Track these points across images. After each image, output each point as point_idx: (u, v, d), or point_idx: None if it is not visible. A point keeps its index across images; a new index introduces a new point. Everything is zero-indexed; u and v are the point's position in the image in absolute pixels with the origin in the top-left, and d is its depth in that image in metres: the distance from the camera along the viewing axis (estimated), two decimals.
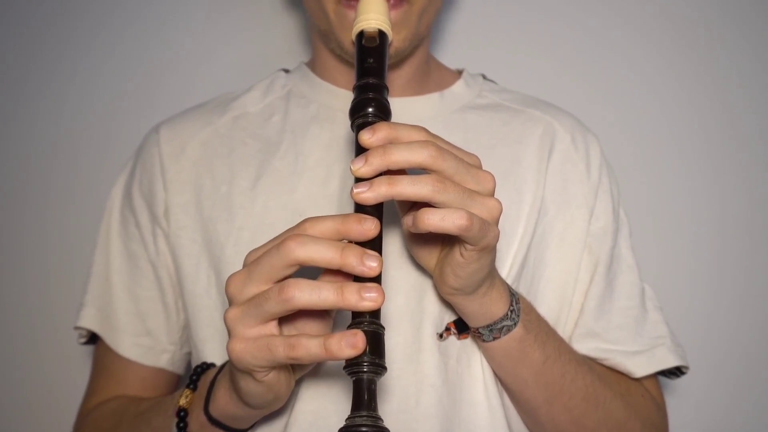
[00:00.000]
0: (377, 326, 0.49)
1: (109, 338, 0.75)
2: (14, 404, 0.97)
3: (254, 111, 0.75)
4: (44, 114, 0.99)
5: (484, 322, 0.60)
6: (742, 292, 0.97)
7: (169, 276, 0.73)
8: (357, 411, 0.47)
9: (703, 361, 0.90)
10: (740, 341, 0.96)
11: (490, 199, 0.52)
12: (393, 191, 0.49)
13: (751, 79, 0.98)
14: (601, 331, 0.71)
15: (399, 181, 0.49)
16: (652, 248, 0.94)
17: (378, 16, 0.62)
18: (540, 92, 0.83)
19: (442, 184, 0.49)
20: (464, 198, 0.50)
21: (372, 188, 0.49)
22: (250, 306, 0.48)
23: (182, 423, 0.62)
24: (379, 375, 0.48)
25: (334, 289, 0.46)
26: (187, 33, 0.99)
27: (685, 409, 0.93)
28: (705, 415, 0.96)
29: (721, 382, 0.96)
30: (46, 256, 0.99)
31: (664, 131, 0.98)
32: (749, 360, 0.96)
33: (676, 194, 0.98)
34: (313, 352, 0.46)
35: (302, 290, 0.46)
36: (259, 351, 0.48)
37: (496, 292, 0.59)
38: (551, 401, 0.65)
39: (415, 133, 0.52)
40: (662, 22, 0.98)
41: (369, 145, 0.51)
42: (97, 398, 0.75)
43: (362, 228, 0.48)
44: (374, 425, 0.46)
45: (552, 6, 0.99)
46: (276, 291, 0.47)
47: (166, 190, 0.72)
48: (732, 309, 0.97)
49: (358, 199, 0.50)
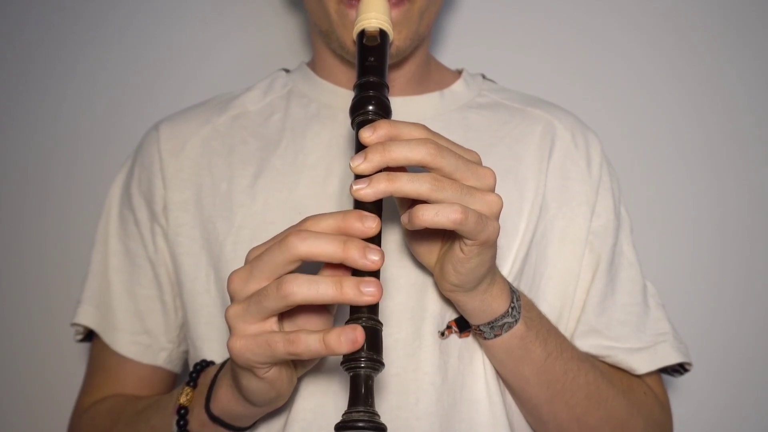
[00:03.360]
0: (375, 322, 0.49)
1: (107, 336, 0.75)
2: (10, 401, 0.97)
3: (254, 110, 0.75)
4: (43, 112, 0.99)
5: (485, 319, 0.60)
6: (744, 289, 0.97)
7: (168, 274, 0.74)
8: (354, 406, 0.47)
9: (705, 359, 0.90)
10: (742, 339, 0.96)
11: (489, 194, 0.52)
12: (392, 188, 0.49)
13: (750, 77, 0.98)
14: (602, 328, 0.71)
15: (398, 178, 0.49)
16: (651, 247, 0.94)
17: (379, 15, 0.63)
18: (539, 91, 0.83)
19: (440, 182, 0.50)
20: (462, 195, 0.50)
21: (371, 185, 0.49)
22: (250, 303, 0.48)
23: (182, 421, 0.61)
24: (376, 371, 0.48)
25: (333, 284, 0.47)
26: (187, 32, 0.99)
27: (687, 408, 0.93)
28: (707, 413, 0.95)
29: (723, 380, 0.96)
30: (44, 254, 0.99)
31: (664, 129, 0.98)
32: (752, 358, 0.96)
33: (677, 191, 0.98)
34: (313, 347, 0.46)
35: (300, 285, 0.46)
36: (259, 347, 0.48)
37: (497, 288, 0.59)
38: (553, 399, 0.65)
39: (415, 130, 0.52)
40: (661, 22, 0.99)
41: (369, 142, 0.51)
42: (93, 396, 0.75)
43: (363, 226, 0.48)
44: (371, 420, 0.46)
45: (551, 6, 0.99)
46: (274, 287, 0.47)
47: (166, 187, 0.72)
48: (733, 306, 0.96)
49: (357, 196, 0.50)
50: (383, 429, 0.47)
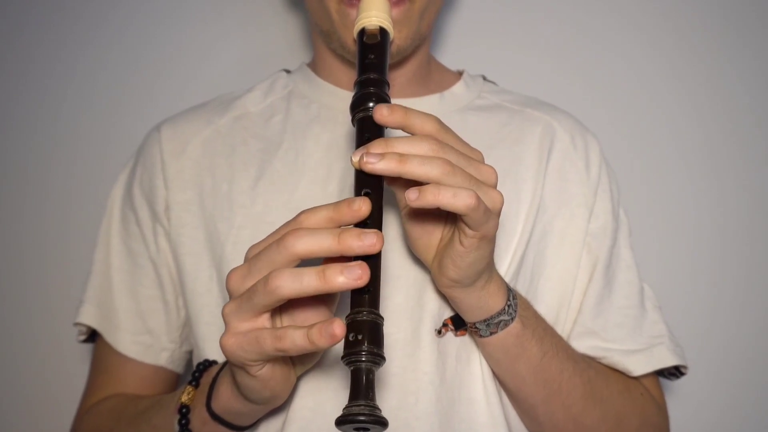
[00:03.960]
0: (376, 316, 0.48)
1: (109, 335, 0.75)
2: (13, 402, 0.97)
3: (255, 111, 0.76)
4: (44, 113, 0.99)
5: (481, 316, 0.60)
6: (742, 291, 0.97)
7: (170, 274, 0.74)
8: (355, 400, 0.46)
9: (703, 362, 0.90)
10: (740, 342, 0.96)
11: (492, 190, 0.52)
12: (402, 169, 0.49)
13: (750, 77, 0.98)
14: (599, 329, 0.71)
15: (409, 159, 0.49)
16: (651, 248, 0.94)
17: (380, 13, 0.63)
18: (540, 93, 0.83)
19: (451, 167, 0.49)
20: (471, 184, 0.51)
21: (384, 160, 0.49)
22: (242, 300, 0.49)
23: (184, 420, 0.62)
24: (377, 365, 0.48)
25: (315, 273, 0.46)
26: (187, 32, 0.99)
27: (685, 410, 0.93)
28: (705, 416, 0.95)
29: (721, 383, 0.96)
30: (45, 255, 0.99)
31: (664, 131, 0.98)
32: (750, 361, 0.96)
33: (676, 194, 0.98)
34: (298, 342, 0.46)
35: (285, 279, 0.46)
36: (249, 344, 0.48)
37: (493, 285, 0.59)
38: (549, 399, 0.65)
39: (427, 122, 0.52)
40: (661, 22, 0.99)
41: (384, 122, 0.51)
42: (95, 396, 0.75)
43: (352, 210, 0.48)
44: (372, 414, 0.45)
45: (552, 7, 0.99)
46: (262, 283, 0.47)
47: (167, 188, 0.73)
48: (732, 309, 0.97)
49: (367, 169, 0.49)
50: (385, 423, 0.46)
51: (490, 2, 0.99)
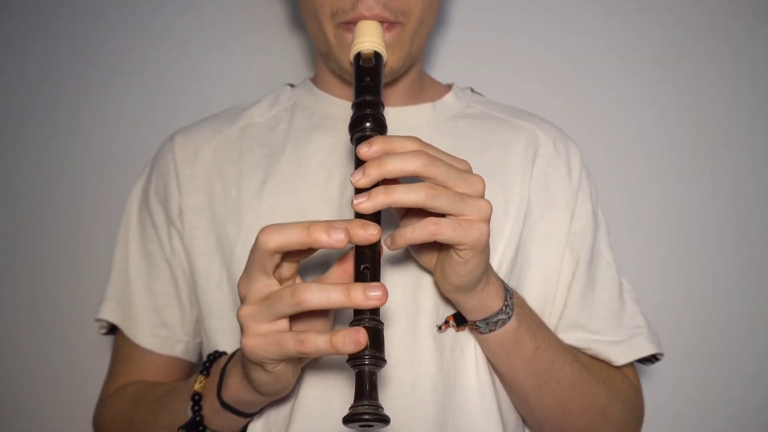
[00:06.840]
0: (377, 322, 0.49)
1: (128, 329, 0.75)
2: (45, 388, 0.99)
3: (261, 121, 0.76)
4: (77, 128, 1.01)
5: (481, 316, 0.60)
6: (711, 282, 0.97)
7: (184, 273, 0.74)
8: (359, 400, 0.48)
9: (675, 349, 0.90)
10: (709, 330, 0.97)
11: (480, 200, 0.52)
12: (389, 200, 0.50)
13: (713, 87, 0.99)
14: (584, 322, 0.71)
15: (394, 190, 0.50)
16: (627, 245, 0.94)
17: (373, 38, 0.64)
18: (523, 104, 0.83)
19: (434, 191, 0.50)
20: (456, 201, 0.51)
21: (370, 198, 0.50)
22: (263, 305, 0.49)
23: (197, 407, 0.62)
24: (379, 367, 0.49)
25: (341, 291, 0.47)
26: (205, 56, 1.01)
27: (659, 393, 0.94)
28: (677, 397, 0.96)
29: (691, 368, 0.96)
30: (71, 256, 1.00)
31: (637, 139, 0.99)
32: (717, 347, 0.97)
33: (648, 195, 0.99)
34: (321, 347, 0.47)
35: (313, 293, 0.47)
36: (271, 346, 0.49)
37: (492, 287, 0.59)
38: (540, 387, 0.65)
39: (408, 142, 0.52)
40: (632, 40, 1.00)
41: (366, 157, 0.51)
42: (116, 383, 0.75)
43: (366, 233, 0.50)
44: (375, 413, 0.47)
45: (534, 29, 1.00)
46: (289, 294, 0.48)
47: (180, 193, 0.72)
48: (701, 300, 0.97)
49: (358, 209, 0.51)
50: (387, 420, 0.47)
51: (479, 25, 1.00)
